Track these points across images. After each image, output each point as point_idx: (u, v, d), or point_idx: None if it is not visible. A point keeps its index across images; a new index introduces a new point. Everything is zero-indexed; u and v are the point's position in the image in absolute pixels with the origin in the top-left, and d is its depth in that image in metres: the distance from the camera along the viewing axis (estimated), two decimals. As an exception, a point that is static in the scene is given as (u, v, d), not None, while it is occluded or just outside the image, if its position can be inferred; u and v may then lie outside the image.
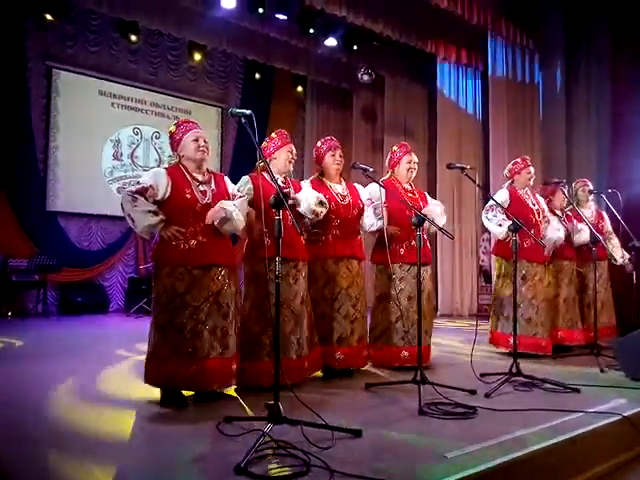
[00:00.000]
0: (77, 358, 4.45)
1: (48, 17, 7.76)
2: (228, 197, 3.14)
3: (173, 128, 3.14)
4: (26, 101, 8.08)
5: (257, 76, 9.97)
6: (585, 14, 8.00)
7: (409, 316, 3.92)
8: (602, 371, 3.97)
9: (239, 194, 3.23)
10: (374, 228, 3.93)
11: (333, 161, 3.87)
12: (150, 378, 2.91)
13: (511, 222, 3.67)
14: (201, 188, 3.03)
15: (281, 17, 8.06)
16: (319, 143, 3.97)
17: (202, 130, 3.18)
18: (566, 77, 8.40)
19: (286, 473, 1.94)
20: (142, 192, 2.91)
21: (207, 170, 3.16)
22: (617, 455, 2.61)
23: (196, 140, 3.06)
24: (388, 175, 4.24)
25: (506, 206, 4.54)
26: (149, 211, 2.88)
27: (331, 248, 3.72)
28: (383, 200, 3.98)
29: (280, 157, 3.51)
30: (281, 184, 3.49)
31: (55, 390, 3.24)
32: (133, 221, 2.91)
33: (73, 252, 8.39)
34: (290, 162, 3.55)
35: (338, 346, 3.69)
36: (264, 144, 3.58)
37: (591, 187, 5.37)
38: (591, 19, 7.97)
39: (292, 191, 3.50)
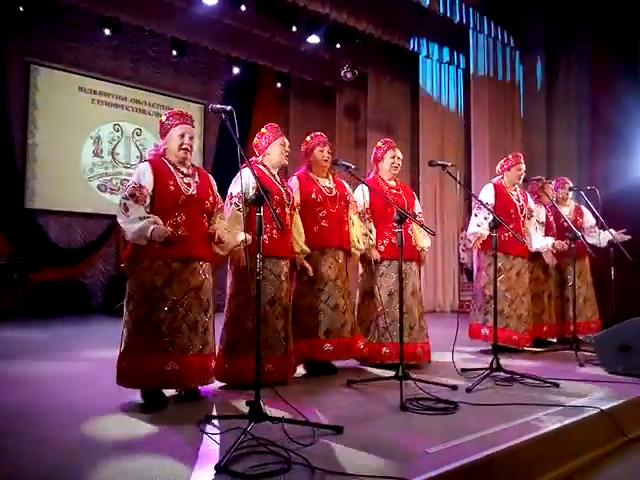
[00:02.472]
0: (56, 359, 4.39)
1: (28, 11, 7.63)
2: (213, 195, 3.11)
3: (164, 118, 3.09)
4: (4, 97, 7.91)
5: (239, 72, 9.91)
6: (565, 12, 8.09)
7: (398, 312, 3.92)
8: (581, 365, 4.03)
9: (229, 200, 3.23)
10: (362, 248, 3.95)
11: (322, 156, 3.85)
12: (123, 378, 2.84)
13: (491, 220, 3.69)
14: (185, 180, 2.98)
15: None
16: (308, 138, 3.95)
17: (193, 126, 3.10)
18: (546, 74, 8.49)
19: (267, 471, 1.93)
20: (133, 194, 2.83)
21: (192, 165, 3.12)
22: (596, 448, 2.64)
23: (182, 136, 3.00)
24: (373, 173, 4.25)
25: (493, 200, 4.58)
26: (139, 218, 2.78)
27: (318, 239, 3.70)
28: (367, 201, 4.00)
29: (273, 152, 3.49)
30: (279, 181, 3.50)
31: (33, 392, 3.19)
32: (125, 232, 2.82)
33: (52, 250, 8.26)
34: (284, 155, 3.52)
35: (326, 338, 3.65)
36: (255, 140, 3.56)
37: (570, 185, 5.44)
38: (571, 17, 8.06)
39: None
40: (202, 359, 2.93)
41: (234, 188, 3.36)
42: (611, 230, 5.05)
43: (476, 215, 4.60)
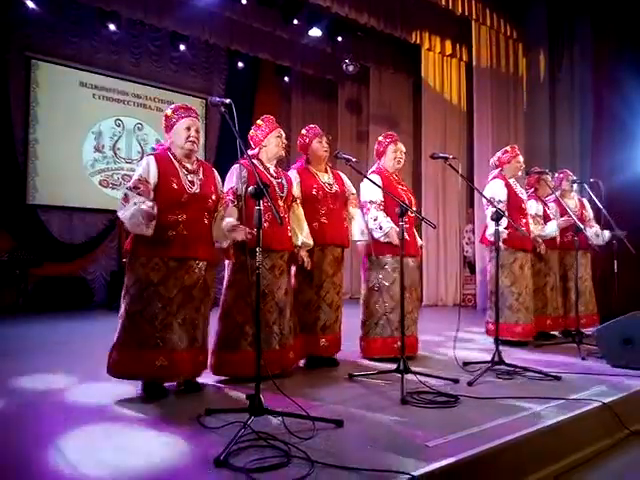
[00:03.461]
0: (57, 353, 4.40)
1: (28, 6, 7.61)
2: (216, 192, 3.11)
3: (169, 112, 3.07)
4: (5, 93, 7.90)
5: (241, 66, 9.89)
6: (568, 4, 8.02)
7: (404, 306, 3.91)
8: (583, 359, 4.01)
9: (228, 198, 3.23)
10: (362, 239, 3.91)
11: (321, 147, 3.84)
12: (112, 369, 2.87)
13: (493, 212, 3.68)
14: (189, 178, 2.98)
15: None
16: (303, 131, 3.94)
17: (198, 119, 3.10)
18: (549, 67, 8.44)
19: (266, 464, 1.92)
20: (137, 187, 2.83)
21: (196, 159, 3.11)
22: (598, 441, 2.63)
23: (188, 129, 3.00)
24: (376, 166, 4.20)
25: (505, 197, 4.55)
26: (134, 203, 2.76)
27: (319, 236, 3.68)
28: (381, 192, 3.93)
29: (270, 143, 3.47)
30: (273, 173, 3.47)
31: (33, 386, 3.20)
32: (125, 224, 2.80)
33: (54, 246, 8.27)
34: (281, 146, 3.50)
35: (323, 334, 3.69)
36: (252, 132, 3.54)
37: (573, 177, 5.39)
38: (574, 8, 8.00)
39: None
40: (190, 355, 2.95)
41: (228, 184, 3.34)
42: (605, 232, 5.13)
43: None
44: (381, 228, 3.87)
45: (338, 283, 3.81)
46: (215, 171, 3.22)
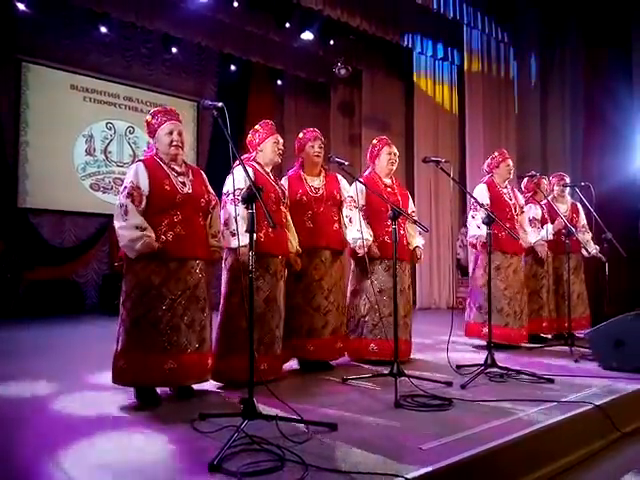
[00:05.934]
0: (49, 358, 4.36)
1: (19, 8, 7.56)
2: (207, 193, 3.11)
3: (149, 117, 3.06)
4: (-5, 95, 7.86)
5: (233, 69, 9.87)
6: (559, 8, 8.09)
7: (381, 310, 3.88)
8: (576, 361, 4.03)
9: (225, 198, 3.23)
10: (356, 245, 3.87)
11: (312, 151, 3.84)
12: (120, 377, 2.83)
13: (485, 216, 3.69)
14: (180, 179, 2.97)
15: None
16: (300, 134, 3.94)
17: (180, 121, 3.07)
18: (541, 70, 8.50)
19: (260, 468, 1.91)
20: (131, 194, 2.82)
21: (184, 162, 3.10)
22: (590, 443, 2.64)
23: (170, 134, 2.98)
24: (369, 170, 4.21)
25: (488, 201, 4.57)
26: (135, 227, 2.77)
27: (304, 239, 3.66)
28: (363, 199, 3.94)
29: (266, 149, 3.47)
30: (272, 176, 3.48)
31: (25, 391, 3.17)
32: (119, 237, 2.81)
33: (46, 249, 8.21)
34: (277, 153, 3.49)
35: (308, 338, 3.65)
36: (249, 137, 3.54)
37: (567, 181, 5.41)
38: (564, 12, 8.06)
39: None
40: (200, 357, 2.92)
41: (230, 186, 3.31)
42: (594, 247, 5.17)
43: (474, 217, 4.57)
44: (357, 238, 3.81)
45: (327, 287, 3.73)
46: (203, 174, 3.21)
